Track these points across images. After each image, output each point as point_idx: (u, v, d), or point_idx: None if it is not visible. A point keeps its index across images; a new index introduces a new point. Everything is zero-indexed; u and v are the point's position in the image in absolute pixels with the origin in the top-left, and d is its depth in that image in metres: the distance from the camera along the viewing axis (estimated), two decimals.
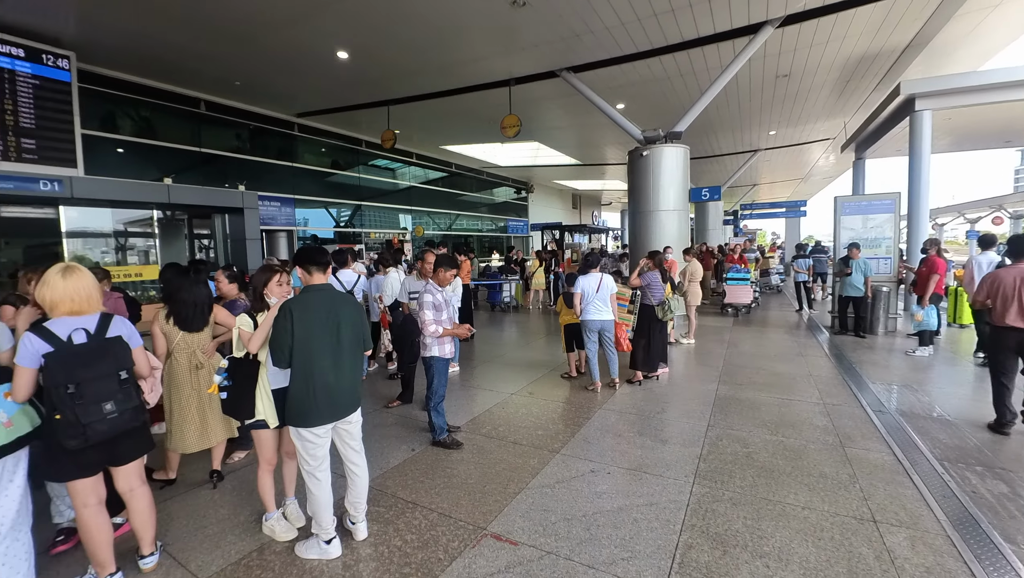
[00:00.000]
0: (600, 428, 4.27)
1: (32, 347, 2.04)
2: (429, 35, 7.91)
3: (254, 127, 12.40)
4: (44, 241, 9.61)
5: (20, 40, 8.07)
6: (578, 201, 30.49)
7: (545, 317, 10.85)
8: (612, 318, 5.21)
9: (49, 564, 2.50)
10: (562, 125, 13.76)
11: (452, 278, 3.79)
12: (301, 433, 2.45)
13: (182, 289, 3.10)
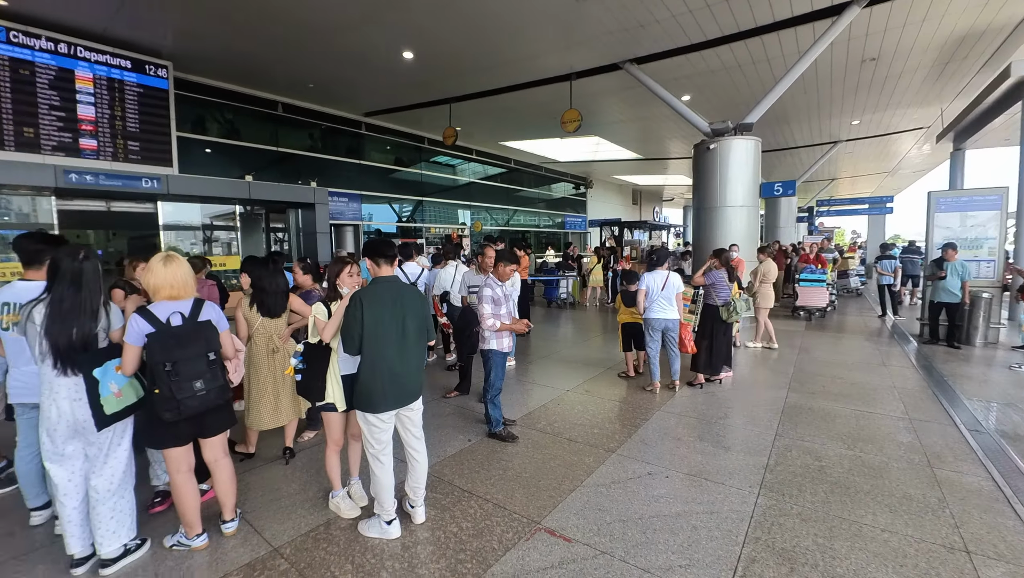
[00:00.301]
0: (658, 430, 4.15)
1: (137, 327, 2.27)
2: (492, 32, 7.98)
3: (325, 127, 13.09)
4: (144, 233, 10.68)
5: (127, 53, 8.98)
6: (638, 197, 29.68)
7: (602, 315, 10.69)
8: (677, 317, 5.04)
9: (148, 521, 2.79)
10: (623, 119, 13.43)
11: (512, 273, 3.83)
12: (367, 417, 2.57)
13: (263, 278, 3.35)
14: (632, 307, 5.55)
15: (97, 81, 8.66)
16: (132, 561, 2.45)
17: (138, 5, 7.34)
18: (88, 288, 2.27)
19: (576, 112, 9.97)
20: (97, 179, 8.65)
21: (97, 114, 8.71)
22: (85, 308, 2.26)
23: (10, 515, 2.93)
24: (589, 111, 11.67)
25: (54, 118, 8.32)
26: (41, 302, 2.26)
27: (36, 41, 8.07)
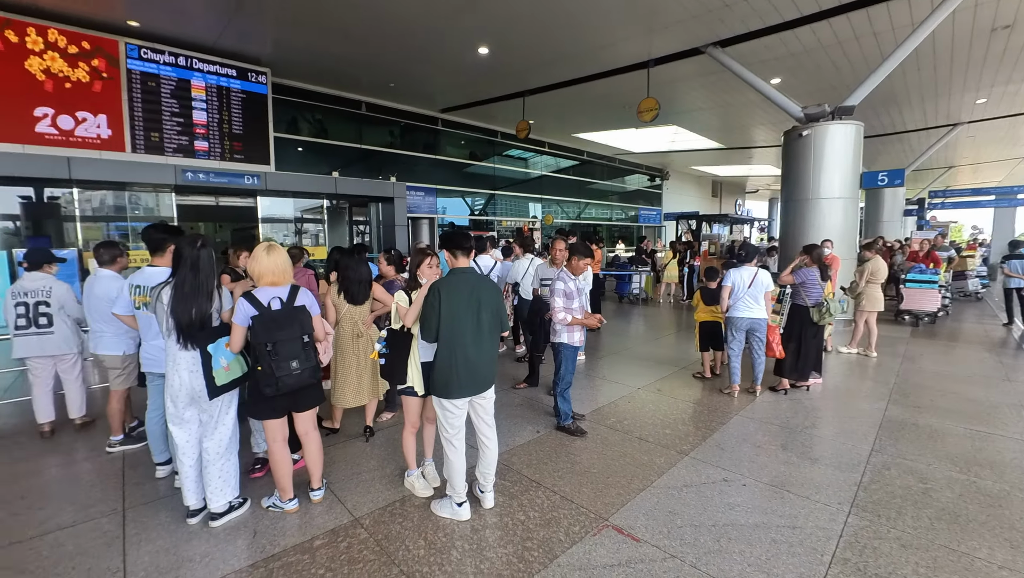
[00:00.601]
0: (737, 435, 3.94)
1: (244, 310, 2.53)
2: (568, 22, 7.87)
3: (404, 124, 13.66)
4: (245, 225, 11.79)
5: (233, 62, 9.91)
6: (718, 189, 28.09)
7: (676, 312, 10.28)
8: (764, 317, 4.73)
9: (249, 484, 3.11)
10: (704, 106, 12.75)
11: (586, 267, 3.79)
12: (443, 403, 2.68)
13: (349, 268, 3.59)
14: (713, 305, 5.28)
15: (208, 89, 9.66)
16: (235, 517, 2.75)
17: (243, 19, 8.06)
18: (204, 273, 2.56)
19: (653, 101, 9.61)
20: (208, 177, 9.67)
21: (208, 119, 9.72)
22: (202, 290, 2.55)
23: (140, 467, 3.39)
24: (667, 99, 11.19)
25: (174, 123, 9.39)
26: (168, 285, 2.58)
27: (161, 56, 9.13)
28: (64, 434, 4.00)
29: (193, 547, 2.52)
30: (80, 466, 3.48)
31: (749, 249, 4.89)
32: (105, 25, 8.40)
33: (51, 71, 8.15)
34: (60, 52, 8.20)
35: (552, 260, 5.03)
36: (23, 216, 9.33)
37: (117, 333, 3.56)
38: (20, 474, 3.35)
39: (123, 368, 3.65)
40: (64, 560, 2.44)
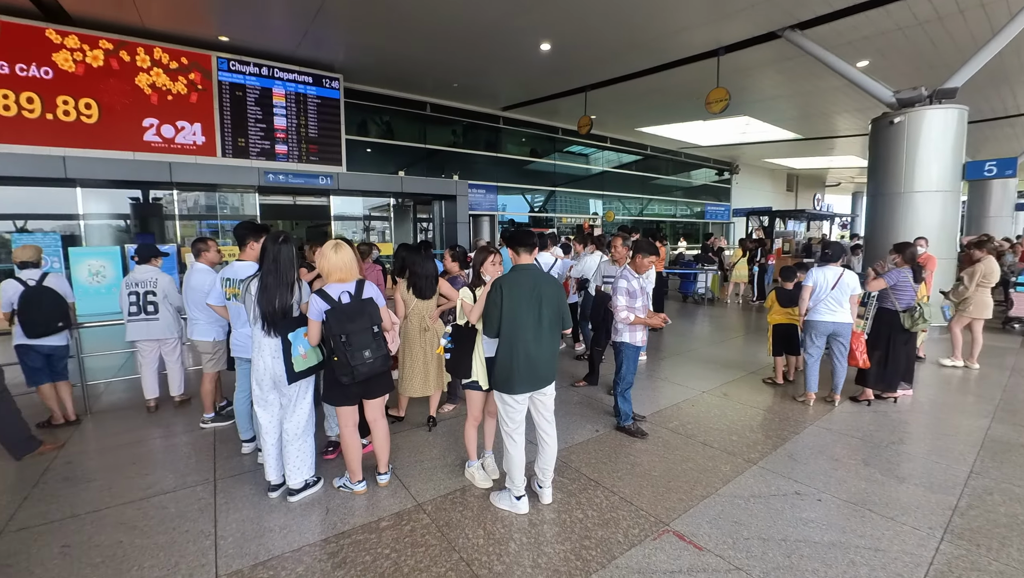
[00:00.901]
0: (812, 447, 3.69)
1: (317, 305, 2.70)
2: (633, 12, 7.67)
3: (467, 123, 13.93)
4: (319, 223, 12.54)
5: (309, 70, 10.54)
6: (794, 182, 26.30)
7: (745, 313, 9.76)
8: (848, 321, 4.38)
9: (322, 464, 3.33)
10: (780, 94, 11.98)
11: (650, 265, 3.70)
12: (503, 397, 2.73)
13: (416, 264, 3.74)
14: (789, 307, 4.96)
15: (288, 96, 10.35)
16: (310, 494, 2.96)
17: (320, 28, 8.56)
18: (284, 266, 2.76)
19: (723, 91, 9.15)
20: (287, 178, 10.39)
21: (287, 124, 10.42)
22: (283, 282, 2.76)
23: (229, 443, 3.73)
24: (738, 88, 10.63)
25: (258, 129, 10.15)
26: (255, 277, 2.81)
27: (247, 67, 9.90)
28: (165, 410, 4.48)
29: (273, 519, 2.74)
30: (178, 439, 3.88)
31: (836, 248, 4.52)
32: (200, 41, 9.24)
33: (156, 85, 9.08)
34: (163, 68, 9.12)
35: (613, 258, 4.95)
36: (132, 215, 10.49)
37: (209, 321, 3.93)
38: (131, 442, 3.79)
39: (214, 353, 4.02)
40: (166, 521, 2.73)
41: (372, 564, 2.36)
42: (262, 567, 2.34)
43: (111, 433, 4.00)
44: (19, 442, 3.46)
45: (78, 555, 2.45)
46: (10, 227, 9.25)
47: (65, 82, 8.35)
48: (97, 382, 5.09)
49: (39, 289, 3.84)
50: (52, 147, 8.30)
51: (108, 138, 8.74)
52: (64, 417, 4.13)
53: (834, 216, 21.38)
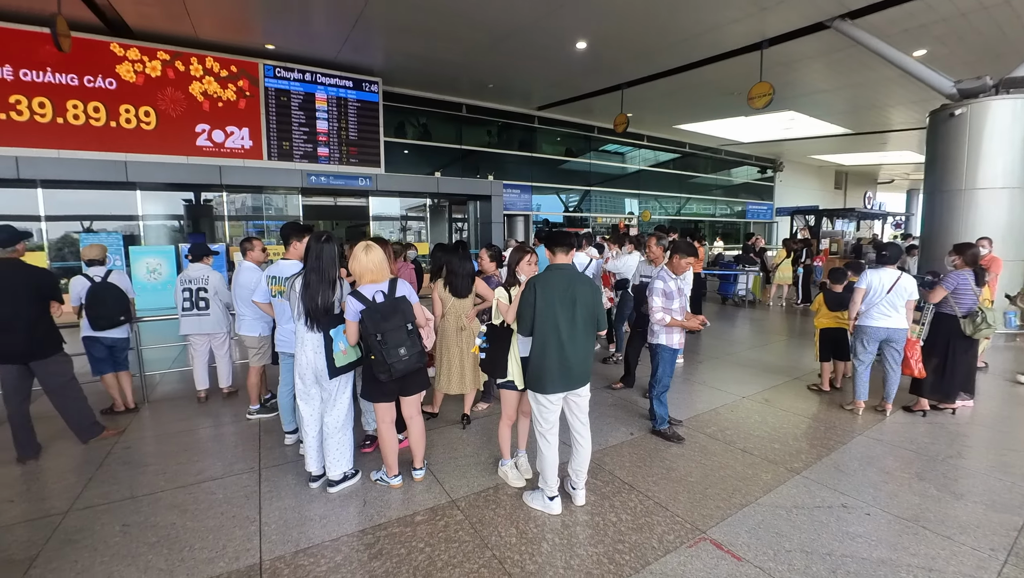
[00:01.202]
0: (859, 458, 3.51)
1: (352, 306, 2.77)
2: (672, 6, 7.50)
3: (501, 123, 13.99)
4: (358, 223, 12.88)
5: (350, 74, 10.84)
6: (843, 180, 25.10)
7: (788, 317, 9.39)
8: (904, 327, 4.14)
9: (360, 458, 3.42)
10: (828, 88, 11.45)
11: (688, 267, 3.62)
12: (537, 397, 2.73)
13: (453, 263, 3.79)
14: (838, 310, 4.73)
15: (329, 100, 10.69)
16: (349, 485, 3.05)
17: (359, 34, 8.80)
18: (327, 265, 2.85)
19: (767, 85, 8.83)
20: (328, 180, 10.72)
21: (329, 127, 10.76)
22: (325, 279, 2.85)
23: (272, 434, 3.88)
24: (783, 83, 10.23)
25: (301, 133, 10.52)
26: (300, 275, 2.91)
27: (291, 73, 10.28)
28: (214, 400, 4.71)
29: (314, 508, 2.84)
30: (226, 428, 4.07)
31: (893, 249, 4.27)
32: (248, 50, 9.67)
33: (208, 93, 9.56)
34: (215, 76, 9.59)
35: (648, 257, 4.86)
36: (185, 216, 11.09)
37: (255, 317, 4.11)
38: (183, 431, 4.02)
39: (259, 347, 4.20)
40: (215, 506, 2.88)
41: (407, 557, 2.41)
42: (303, 554, 2.44)
43: (165, 421, 4.25)
44: (86, 427, 3.73)
45: (136, 534, 2.62)
46: (77, 227, 9.96)
47: (127, 92, 8.92)
48: (153, 373, 5.41)
49: (104, 285, 4.12)
50: (115, 153, 8.88)
51: (164, 144, 9.27)
52: (124, 405, 4.41)
53: (887, 215, 20.24)
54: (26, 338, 3.40)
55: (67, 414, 3.67)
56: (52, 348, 3.56)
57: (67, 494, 3.03)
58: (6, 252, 3.43)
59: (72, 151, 8.59)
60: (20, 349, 3.41)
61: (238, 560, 2.40)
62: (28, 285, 3.42)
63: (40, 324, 3.47)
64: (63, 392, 3.64)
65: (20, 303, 3.38)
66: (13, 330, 3.36)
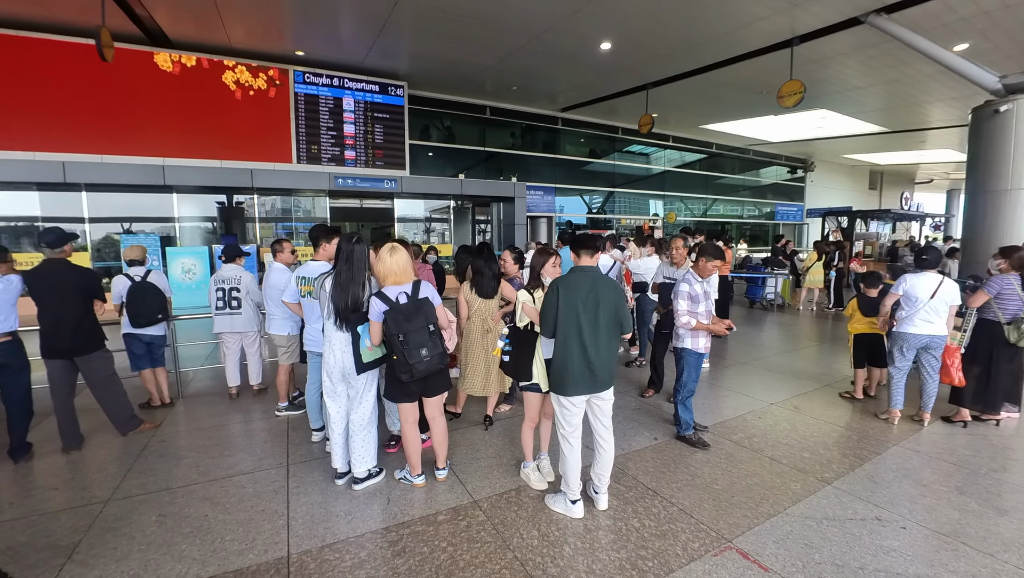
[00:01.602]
0: (895, 469, 3.38)
1: (376, 307, 2.81)
2: (698, 3, 7.38)
3: (525, 125, 14.00)
4: (383, 224, 13.07)
5: (376, 79, 11.03)
6: (878, 180, 24.25)
7: (819, 321, 9.11)
8: (944, 334, 3.97)
9: (384, 457, 3.47)
10: (862, 85, 11.09)
11: (714, 270, 3.55)
12: (560, 400, 2.72)
13: (478, 264, 3.82)
14: (873, 315, 4.57)
15: (356, 104, 10.89)
16: (373, 483, 3.10)
17: (386, 39, 8.95)
18: (357, 265, 2.91)
19: (798, 83, 8.61)
20: (355, 182, 10.93)
21: (355, 131, 10.97)
22: (355, 280, 2.91)
23: (300, 430, 3.98)
24: (814, 80, 9.97)
25: (329, 136, 10.75)
26: (330, 276, 2.98)
27: (319, 79, 10.52)
28: (245, 397, 4.85)
29: (339, 505, 2.90)
30: (256, 424, 4.19)
31: (933, 253, 4.10)
32: (278, 56, 9.95)
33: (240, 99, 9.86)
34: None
35: (672, 260, 4.80)
36: (218, 218, 11.46)
37: (284, 316, 4.22)
38: (215, 426, 4.15)
39: (288, 346, 4.31)
40: (245, 500, 2.96)
41: (429, 555, 2.44)
42: (329, 549, 2.49)
43: (199, 416, 4.39)
44: (125, 420, 3.90)
45: (171, 524, 2.72)
46: (118, 228, 10.41)
47: (165, 98, 9.28)
48: (187, 369, 5.61)
49: (143, 284, 4.30)
50: (154, 157, 9.25)
51: (199, 148, 9.61)
52: (160, 400, 4.59)
53: (925, 216, 19.44)
54: (72, 335, 3.59)
55: (108, 407, 3.85)
56: (96, 344, 3.75)
57: (107, 484, 3.17)
58: (54, 253, 3.62)
59: (114, 156, 8.99)
60: (67, 345, 3.59)
61: (267, 553, 2.47)
62: (75, 284, 3.62)
63: (85, 321, 3.66)
64: (105, 386, 3.81)
65: (67, 301, 3.57)
66: (61, 327, 3.55)
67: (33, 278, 3.55)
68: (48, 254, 3.62)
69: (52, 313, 3.53)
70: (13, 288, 3.45)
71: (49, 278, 3.55)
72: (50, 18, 8.01)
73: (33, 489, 3.13)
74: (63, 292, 3.56)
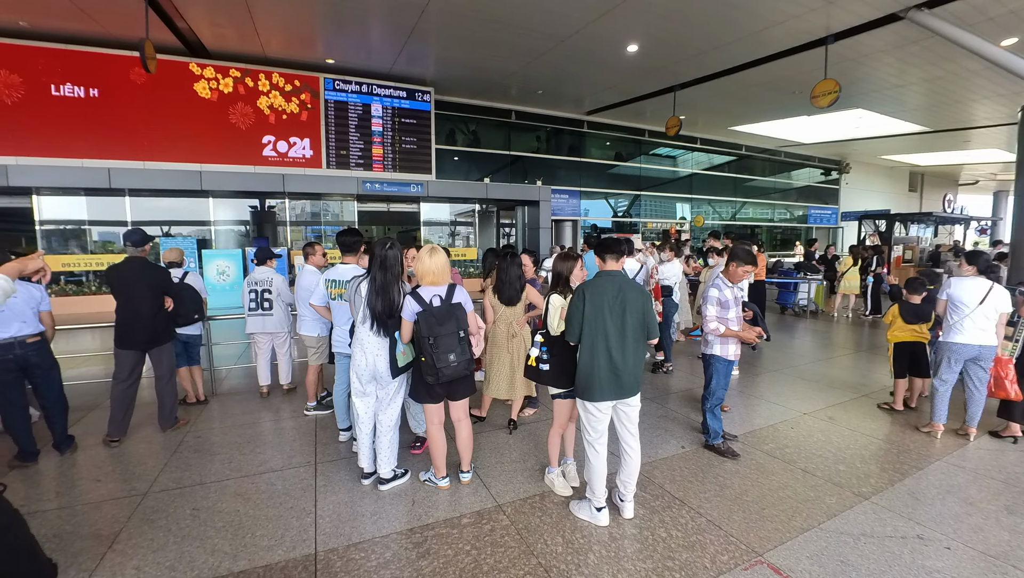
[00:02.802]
0: (939, 486, 3.22)
1: (410, 307, 2.85)
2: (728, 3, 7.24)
3: (550, 129, 13.99)
4: (409, 228, 13.25)
5: (403, 85, 11.20)
6: (919, 181, 23.27)
7: (855, 328, 8.78)
8: (994, 344, 3.77)
9: (408, 458, 3.50)
10: (901, 83, 10.68)
11: (746, 274, 3.46)
12: (585, 405, 2.69)
13: (502, 270, 3.82)
14: (916, 323, 4.37)
15: (384, 110, 11.09)
16: (399, 484, 3.13)
17: (413, 46, 9.09)
18: (390, 270, 2.95)
19: (832, 82, 8.35)
20: (382, 186, 11.11)
21: (383, 136, 11.16)
22: (391, 285, 2.94)
23: (328, 430, 4.05)
24: (850, 79, 9.66)
25: (358, 142, 10.97)
26: (364, 280, 3.03)
27: (349, 86, 10.75)
28: (275, 396, 4.98)
29: (365, 505, 2.93)
30: (285, 423, 4.29)
31: (979, 258, 3.91)
32: (310, 65, 10.22)
33: (274, 106, 10.18)
34: (280, 90, 10.20)
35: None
36: (251, 221, 11.82)
37: (315, 318, 4.30)
38: (247, 423, 4.27)
39: (317, 347, 4.40)
40: (275, 496, 3.03)
41: (453, 558, 2.44)
42: (355, 548, 2.52)
43: (231, 413, 4.53)
44: (170, 416, 4.07)
45: (205, 518, 2.80)
46: (157, 231, 10.86)
47: (203, 107, 9.65)
48: (220, 368, 5.79)
49: (182, 285, 4.46)
50: (192, 163, 9.62)
51: (235, 154, 9.95)
52: (196, 397, 4.75)
53: (969, 219, 18.54)
54: (149, 327, 3.85)
55: (164, 400, 4.06)
56: (167, 337, 4.05)
57: (146, 477, 3.29)
58: (137, 251, 3.88)
59: (155, 162, 9.39)
60: (144, 337, 3.85)
61: (295, 549, 2.52)
62: (152, 281, 3.90)
63: (160, 314, 3.94)
64: (169, 377, 4.07)
65: (146, 296, 3.84)
66: (140, 320, 3.82)
67: (116, 273, 3.82)
68: (131, 252, 3.88)
69: (133, 306, 3.79)
70: (37, 293, 3.54)
71: (131, 274, 3.82)
72: (102, 32, 8.44)
73: (78, 480, 3.27)
74: (143, 287, 3.82)
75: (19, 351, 3.35)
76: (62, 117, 8.83)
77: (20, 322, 3.35)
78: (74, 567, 2.37)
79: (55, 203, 10.07)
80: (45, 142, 8.75)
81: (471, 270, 12.77)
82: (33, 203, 9.81)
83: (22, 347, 3.36)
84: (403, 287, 3.01)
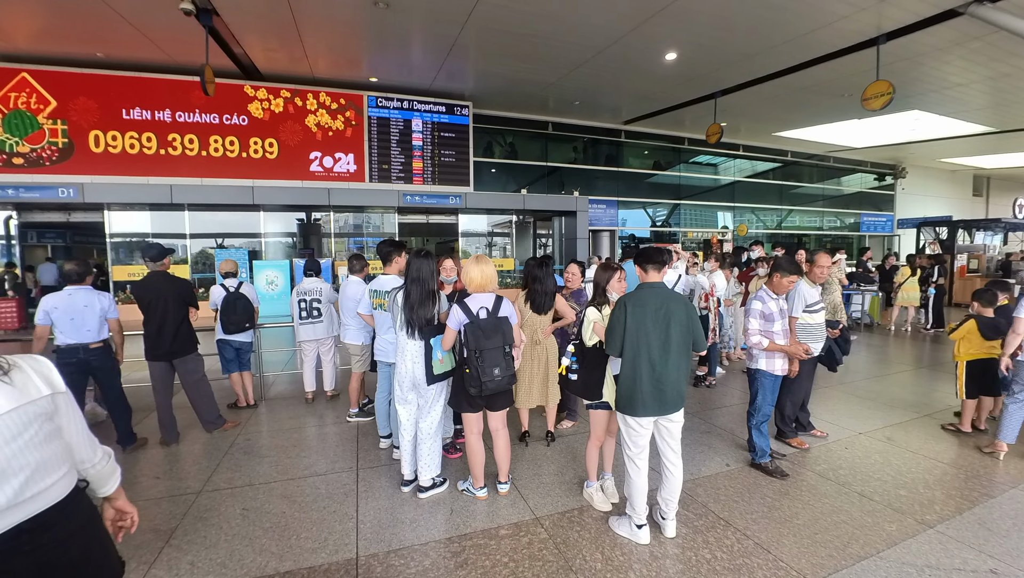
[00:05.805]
0: (1014, 516, 2.96)
1: (457, 316, 2.89)
2: (771, 6, 7.05)
3: (587, 139, 13.98)
4: (447, 239, 13.48)
5: (443, 100, 11.49)
6: (984, 185, 21.74)
7: (914, 343, 8.25)
8: None
9: (446, 466, 3.52)
10: (961, 82, 10.06)
11: (791, 285, 3.33)
12: (627, 420, 2.64)
13: (537, 280, 3.82)
14: (996, 339, 4.00)
15: (424, 125, 11.39)
16: (438, 492, 3.16)
17: (453, 62, 9.33)
18: (425, 281, 3.02)
19: (885, 84, 7.97)
20: (422, 199, 11.39)
21: (423, 150, 11.45)
22: (425, 292, 3.02)
23: (369, 437, 4.15)
24: (905, 80, 9.19)
25: (399, 156, 11.31)
26: (402, 289, 3.11)
27: (391, 102, 11.12)
28: (319, 401, 5.14)
29: (405, 512, 2.98)
30: (329, 429, 4.42)
31: None
32: (354, 84, 10.65)
33: (320, 124, 10.65)
34: (326, 109, 10.66)
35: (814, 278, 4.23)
36: (297, 233, 12.35)
37: (359, 327, 4.45)
38: (293, 428, 4.43)
39: (360, 355, 4.53)
40: (318, 500, 3.13)
41: (491, 569, 2.43)
42: (395, 554, 2.56)
43: (279, 418, 4.71)
44: (211, 419, 4.27)
45: (253, 518, 2.92)
46: (212, 243, 11.52)
47: (256, 126, 10.22)
48: (268, 374, 6.04)
49: (236, 295, 4.71)
50: (245, 179, 10.18)
51: (284, 170, 10.46)
52: (246, 401, 4.97)
53: None
54: (172, 339, 4.03)
55: (197, 406, 4.25)
56: (191, 347, 4.18)
57: (200, 476, 3.47)
58: (156, 265, 4.11)
59: (212, 179, 9.99)
60: (168, 348, 4.03)
61: (337, 553, 2.58)
62: (174, 293, 4.08)
63: (183, 326, 4.10)
64: (197, 387, 4.23)
65: (168, 309, 4.02)
66: (163, 332, 4.00)
67: (140, 288, 4.04)
68: (150, 267, 4.11)
69: (156, 319, 3.98)
70: (105, 302, 3.83)
71: (153, 288, 4.02)
72: (167, 60, 9.11)
73: (139, 477, 3.49)
74: (165, 300, 4.01)
75: (82, 355, 3.67)
76: (132, 138, 9.55)
77: (86, 330, 3.68)
78: (135, 559, 2.51)
79: (123, 217, 10.87)
80: (116, 162, 9.48)
81: (507, 280, 12.85)
82: (104, 217, 10.62)
83: (85, 352, 3.68)
84: (439, 297, 3.07)
